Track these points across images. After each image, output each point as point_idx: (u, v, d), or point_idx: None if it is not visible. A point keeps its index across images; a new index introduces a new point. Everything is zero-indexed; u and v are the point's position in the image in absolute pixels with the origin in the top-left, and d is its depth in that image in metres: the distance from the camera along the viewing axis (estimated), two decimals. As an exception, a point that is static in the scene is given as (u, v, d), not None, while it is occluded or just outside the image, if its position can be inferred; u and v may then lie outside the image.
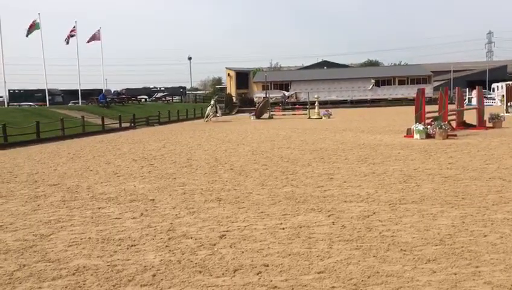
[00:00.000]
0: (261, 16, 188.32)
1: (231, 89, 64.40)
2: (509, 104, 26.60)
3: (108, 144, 16.36)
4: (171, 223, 5.42)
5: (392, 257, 4.03)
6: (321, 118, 30.08)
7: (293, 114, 35.13)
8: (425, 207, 5.75)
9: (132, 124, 28.21)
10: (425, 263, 3.87)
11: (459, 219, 5.16)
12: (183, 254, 4.30)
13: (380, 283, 3.51)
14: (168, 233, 5.01)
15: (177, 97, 55.43)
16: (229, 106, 48.76)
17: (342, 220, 5.28)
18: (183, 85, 61.11)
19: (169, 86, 62.16)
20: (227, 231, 5.00)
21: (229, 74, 67.35)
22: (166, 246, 4.57)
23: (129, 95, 46.04)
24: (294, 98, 56.44)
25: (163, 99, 53.25)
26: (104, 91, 39.99)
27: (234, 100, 55.79)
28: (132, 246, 4.60)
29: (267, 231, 4.94)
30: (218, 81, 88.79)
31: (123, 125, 27.02)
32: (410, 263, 3.88)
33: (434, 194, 6.49)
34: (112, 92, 49.21)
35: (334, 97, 56.09)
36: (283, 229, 5.02)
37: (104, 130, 24.31)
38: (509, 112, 25.53)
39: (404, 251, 4.18)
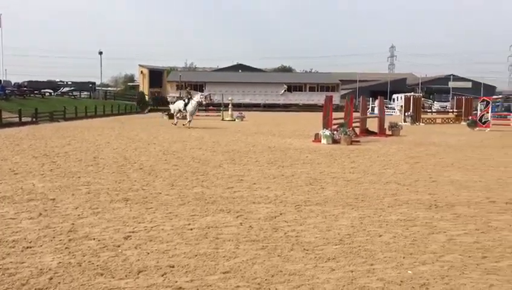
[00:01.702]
0: (177, 15, 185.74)
1: (144, 87, 62.79)
2: (406, 114, 28.79)
3: (5, 139, 15.16)
4: (73, 223, 5.16)
5: (295, 256, 4.18)
6: (234, 120, 30.38)
7: (206, 115, 35.06)
8: (328, 209, 6.04)
9: (34, 119, 26.40)
10: (326, 261, 4.07)
11: (358, 220, 5.48)
12: (84, 256, 4.11)
13: (282, 281, 3.62)
14: (68, 234, 4.76)
15: (85, 93, 52.84)
16: (141, 105, 47.48)
17: (250, 221, 5.37)
18: (92, 80, 58.34)
19: (77, 80, 59.07)
20: (133, 232, 4.87)
21: (142, 72, 65.64)
22: (66, 248, 4.34)
23: (31, 88, 43.02)
24: (208, 99, 56.35)
25: (70, 94, 50.50)
26: (2, 82, 36.98)
27: (147, 99, 54.43)
28: (28, 248, 4.31)
29: (174, 232, 4.89)
30: (131, 78, 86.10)
31: (23, 119, 25.17)
32: (311, 261, 4.06)
33: (337, 196, 6.83)
34: (13, 84, 45.64)
35: (247, 100, 56.93)
36: (191, 229, 4.99)
37: (1, 124, 22.49)
38: (406, 122, 27.63)
39: (307, 250, 4.36)
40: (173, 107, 25.10)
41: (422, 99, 42.90)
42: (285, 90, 60.13)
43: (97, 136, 16.82)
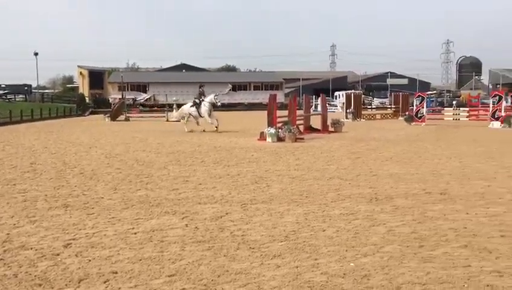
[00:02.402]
0: (118, 15, 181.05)
1: (84, 88, 60.69)
2: (348, 110, 29.63)
3: None
4: (8, 233, 4.90)
5: (241, 255, 4.20)
6: (179, 121, 29.99)
7: (151, 116, 34.42)
8: (273, 206, 6.10)
9: (-37, 124, 24.83)
10: (271, 258, 4.11)
11: (302, 216, 5.58)
12: (20, 267, 3.92)
13: (229, 281, 3.62)
14: (3, 245, 4.51)
15: (20, 96, 50.30)
16: (81, 107, 45.88)
17: (196, 222, 5.33)
18: (28, 83, 55.56)
19: (11, 83, 56.03)
20: (73, 239, 4.70)
21: (81, 73, 63.43)
22: (1, 259, 4.12)
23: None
24: (152, 100, 55.41)
25: (4, 97, 47.90)
26: None
27: (87, 101, 52.65)
28: (-43, 262, 4.05)
29: (117, 237, 4.76)
30: (70, 80, 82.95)
31: (-48, 125, 23.63)
32: (257, 259, 4.08)
33: (282, 193, 6.92)
34: None
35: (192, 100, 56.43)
36: (135, 234, 4.88)
37: None
38: (348, 118, 28.44)
39: (253, 248, 4.39)
40: (181, 113, 21.27)
41: (363, 96, 44.32)
42: (230, 90, 60.12)
43: (34, 141, 16.07)
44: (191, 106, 20.54)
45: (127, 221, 5.38)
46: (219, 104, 20.66)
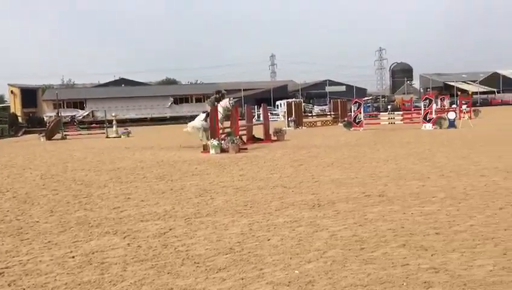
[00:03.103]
0: (51, 30, 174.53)
1: (16, 108, 57.79)
2: (289, 119, 30.14)
3: None
4: None
5: (185, 271, 4.12)
6: (120, 137, 29.25)
7: (89, 134, 33.31)
8: (218, 219, 6.06)
9: None
10: (216, 272, 4.07)
11: (247, 227, 5.58)
12: None
13: (173, 298, 3.54)
14: None
15: None
16: (13, 127, 43.62)
17: (138, 240, 5.19)
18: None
19: None
20: (6, 268, 4.42)
21: (12, 91, 60.36)
22: None
23: None
24: (90, 116, 53.72)
25: None
26: None
27: (20, 120, 50.16)
28: None
29: (54, 262, 4.53)
30: (0, 99, 78.79)
31: None
32: (202, 274, 4.03)
33: (226, 205, 6.89)
34: None
35: (133, 115, 55.34)
36: (73, 257, 4.67)
37: None
38: (290, 126, 28.93)
39: (198, 263, 4.32)
40: (195, 125, 17.54)
41: (303, 104, 45.25)
42: (172, 103, 59.49)
43: (-39, 165, 15.05)
44: (202, 116, 17.28)
45: (65, 244, 5.15)
46: (232, 105, 17.46)
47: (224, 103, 17.39)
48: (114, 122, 30.77)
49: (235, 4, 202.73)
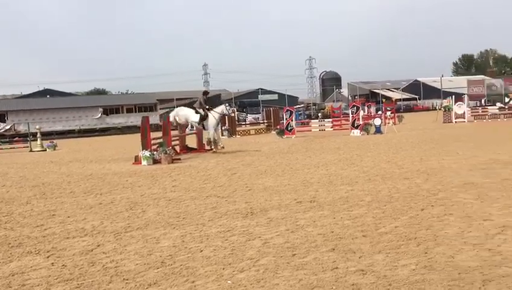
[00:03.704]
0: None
1: None
2: (223, 128, 30.14)
3: None
4: None
5: (114, 288, 3.97)
6: (45, 150, 27.80)
7: (11, 148, 31.36)
8: (149, 232, 5.91)
9: None
10: (147, 287, 3.95)
11: (179, 239, 5.48)
12: None
13: (100, 318, 3.39)
14: None
15: None
16: None
17: (63, 259, 4.93)
18: None
19: None
20: None
21: None
22: None
23: None
24: (12, 130, 50.68)
25: None
26: None
27: None
28: None
29: (-32, 288, 4.19)
30: None
31: None
32: (132, 291, 3.90)
33: (158, 217, 6.74)
34: None
35: (59, 127, 52.91)
36: (-10, 281, 4.34)
37: None
38: (224, 135, 28.93)
39: (127, 279, 4.17)
40: (176, 114, 17.08)
41: (237, 112, 45.48)
42: (101, 114, 57.51)
43: None
44: (195, 117, 16.62)
45: (-19, 268, 4.78)
46: (232, 114, 17.12)
47: (221, 109, 17.18)
48: (38, 135, 29.20)
49: (166, 13, 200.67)
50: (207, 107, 16.80)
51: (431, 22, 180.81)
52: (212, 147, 16.69)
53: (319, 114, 54.47)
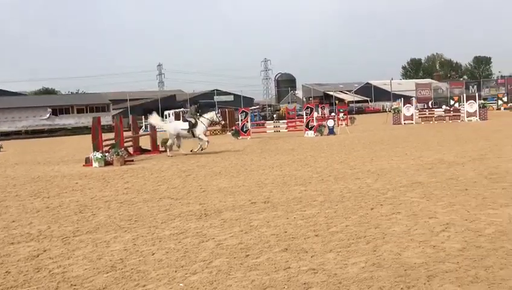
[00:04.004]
0: None
1: None
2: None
3: None
4: None
5: (61, 295, 3.84)
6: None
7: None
8: (99, 235, 5.75)
9: None
10: (96, 293, 3.85)
11: (131, 242, 5.37)
12: None
13: (46, 326, 3.27)
14: None
15: None
16: None
17: (7, 265, 4.72)
18: None
19: None
20: None
21: None
22: None
23: None
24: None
25: None
26: None
27: None
28: None
29: None
30: None
31: None
32: (80, 296, 3.78)
33: (109, 220, 6.57)
34: None
35: (5, 128, 50.63)
36: None
37: None
38: (179, 137, 28.63)
39: (75, 285, 4.05)
40: (169, 129, 17.24)
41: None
42: (50, 114, 55.50)
43: None
44: (183, 125, 16.87)
45: None
46: (223, 122, 18.39)
47: (210, 115, 17.51)
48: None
49: (120, 12, 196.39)
50: (198, 115, 17.17)
51: (382, 26, 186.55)
52: (196, 150, 16.82)
53: (274, 115, 54.92)
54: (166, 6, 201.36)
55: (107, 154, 14.46)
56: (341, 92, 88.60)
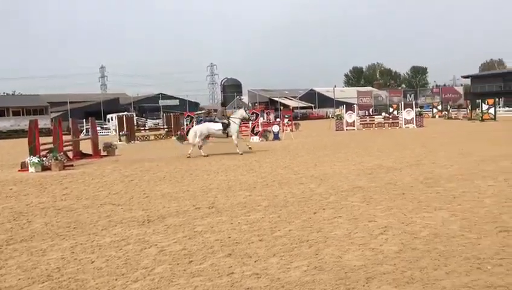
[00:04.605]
0: None
1: None
2: (121, 133, 29.10)
3: None
4: None
5: (-9, 308, 3.63)
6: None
7: None
8: (35, 244, 5.50)
9: None
10: (30, 304, 3.67)
11: (69, 250, 5.17)
12: None
13: None
14: None
15: None
16: None
17: None
18: None
19: None
20: None
21: None
22: None
23: None
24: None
25: None
26: None
27: None
28: None
29: None
30: None
31: None
32: (12, 309, 3.59)
33: (46, 228, 6.29)
34: None
35: None
36: None
37: None
38: (122, 141, 27.93)
39: (7, 297, 3.85)
40: (201, 130, 16.85)
41: (136, 117, 44.21)
42: (-18, 116, 52.42)
43: None
44: (216, 126, 16.92)
45: None
46: (252, 118, 17.95)
47: (240, 113, 17.56)
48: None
49: (62, 12, 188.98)
50: (228, 116, 17.54)
51: (328, 34, 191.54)
52: (239, 151, 16.56)
53: (220, 120, 54.80)
54: (113, 5, 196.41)
55: (44, 158, 13.85)
56: (286, 98, 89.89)
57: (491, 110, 35.32)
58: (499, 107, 45.04)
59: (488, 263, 4.13)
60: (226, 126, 16.96)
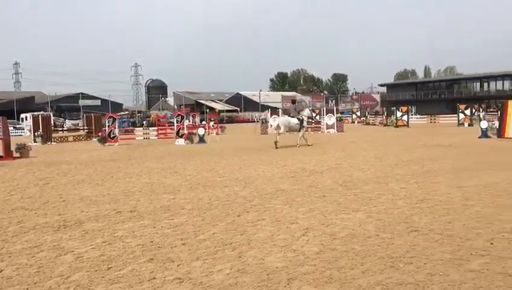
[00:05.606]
0: None
1: None
2: (36, 133, 27.45)
3: None
4: None
5: None
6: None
7: None
8: None
9: None
10: None
11: (-26, 259, 4.77)
12: None
13: None
14: None
15: None
16: None
17: None
18: None
19: None
20: None
21: None
22: None
23: None
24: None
25: None
26: None
27: None
28: None
29: None
30: None
31: None
32: None
33: None
34: None
35: None
36: None
37: None
38: (37, 142, 26.36)
39: None
40: (284, 122, 19.31)
41: (53, 117, 41.97)
42: None
43: None
44: (294, 120, 19.47)
45: None
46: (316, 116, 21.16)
47: (307, 112, 20.76)
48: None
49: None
50: (299, 112, 19.99)
51: (254, 38, 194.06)
52: (308, 143, 19.44)
53: (144, 122, 53.52)
54: (25, 3, 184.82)
55: None
56: (212, 101, 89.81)
57: (405, 117, 37.59)
58: (412, 115, 48.15)
59: (400, 262, 4.39)
60: (301, 121, 19.66)
